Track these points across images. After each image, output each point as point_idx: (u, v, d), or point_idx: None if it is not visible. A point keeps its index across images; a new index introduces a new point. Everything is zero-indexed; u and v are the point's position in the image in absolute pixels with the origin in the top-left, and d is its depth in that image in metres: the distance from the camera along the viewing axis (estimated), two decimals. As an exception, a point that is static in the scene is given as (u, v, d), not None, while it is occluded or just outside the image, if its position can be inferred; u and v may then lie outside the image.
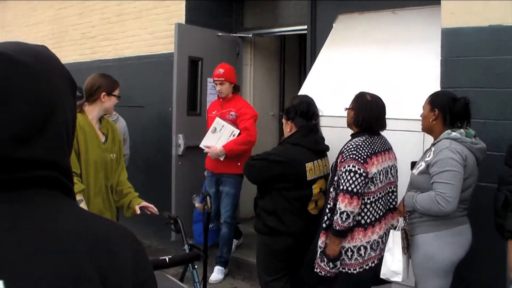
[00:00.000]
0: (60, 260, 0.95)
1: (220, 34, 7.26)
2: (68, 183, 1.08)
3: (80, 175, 3.75)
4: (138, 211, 3.95)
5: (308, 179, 4.03)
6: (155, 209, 4.00)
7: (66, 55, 9.39)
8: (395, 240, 3.59)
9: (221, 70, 5.98)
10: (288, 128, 4.21)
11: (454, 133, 3.46)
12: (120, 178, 4.14)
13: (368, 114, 3.76)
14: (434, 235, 3.50)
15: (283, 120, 4.31)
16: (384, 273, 3.62)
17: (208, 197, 4.06)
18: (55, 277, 0.93)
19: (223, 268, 6.06)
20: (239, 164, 5.67)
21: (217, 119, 5.86)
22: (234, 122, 5.89)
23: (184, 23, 6.99)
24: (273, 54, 8.57)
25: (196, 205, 4.37)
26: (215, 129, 5.84)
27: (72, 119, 1.12)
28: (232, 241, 6.28)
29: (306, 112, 4.16)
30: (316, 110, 4.24)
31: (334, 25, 6.14)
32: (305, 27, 6.81)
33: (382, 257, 3.68)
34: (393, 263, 3.56)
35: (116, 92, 4.11)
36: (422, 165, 3.54)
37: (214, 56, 7.01)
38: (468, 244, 3.57)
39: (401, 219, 3.65)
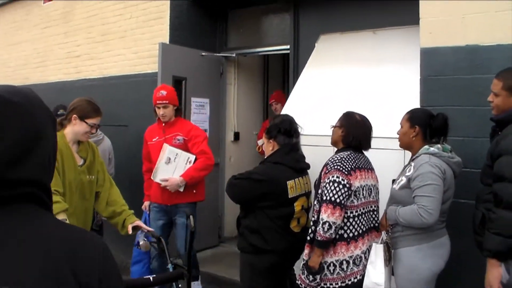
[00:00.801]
0: (43, 263, 1.19)
1: (204, 53, 7.31)
2: (47, 200, 1.34)
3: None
4: (130, 231, 3.94)
5: (289, 197, 4.06)
6: (148, 228, 4.06)
7: (51, 74, 9.44)
8: (377, 252, 3.65)
9: (164, 92, 5.43)
10: (271, 147, 4.23)
11: (432, 148, 3.57)
12: (110, 197, 4.11)
13: (358, 132, 3.84)
14: (416, 248, 3.57)
15: (264, 139, 4.33)
16: (366, 285, 3.66)
17: (191, 216, 4.07)
18: (40, 279, 1.17)
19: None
20: (194, 191, 5.44)
21: (168, 147, 5.36)
22: (181, 147, 5.40)
23: (168, 42, 7.04)
24: (257, 73, 8.65)
25: (140, 243, 4.10)
26: (169, 159, 5.35)
27: (53, 145, 1.38)
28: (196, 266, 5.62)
29: (289, 130, 4.20)
30: (297, 128, 4.28)
31: (316, 44, 6.22)
32: (288, 46, 6.91)
33: (364, 273, 3.72)
34: (375, 275, 3.60)
35: (90, 120, 3.95)
36: (403, 180, 3.62)
37: (198, 76, 7.09)
38: (448, 255, 3.67)
39: (383, 233, 3.71)
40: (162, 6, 7.26)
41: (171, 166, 5.34)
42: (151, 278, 3.41)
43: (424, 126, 3.68)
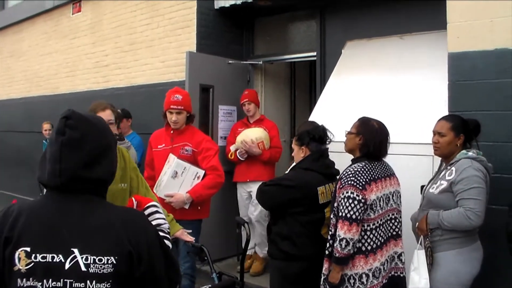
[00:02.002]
0: (110, 236, 1.83)
1: (230, 61, 7.35)
2: (106, 193, 2.00)
3: None
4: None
5: (320, 203, 4.04)
6: (190, 237, 3.83)
7: (80, 84, 9.58)
8: (419, 259, 3.63)
9: (179, 97, 5.01)
10: (302, 153, 4.19)
11: (470, 153, 3.60)
12: None
13: (377, 139, 3.75)
14: (456, 252, 3.58)
15: (294, 146, 4.29)
16: None
17: (246, 224, 4.09)
18: (107, 248, 1.81)
19: None
20: (199, 208, 4.99)
21: (176, 160, 4.87)
22: (189, 159, 4.96)
23: (195, 51, 7.10)
24: (284, 80, 8.63)
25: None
26: (176, 173, 4.83)
27: (115, 156, 2.06)
28: None
29: (322, 137, 4.19)
30: (329, 135, 4.26)
31: (343, 51, 6.22)
32: (315, 53, 6.92)
33: (385, 284, 3.68)
34: (420, 281, 3.57)
35: None
36: (443, 184, 3.61)
37: (225, 83, 7.12)
38: (482, 258, 3.67)
39: (421, 238, 3.69)
40: (189, 15, 7.33)
41: (178, 180, 4.86)
42: (207, 288, 3.46)
43: (467, 134, 3.71)
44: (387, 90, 5.24)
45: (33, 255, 1.75)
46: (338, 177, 3.79)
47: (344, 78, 5.78)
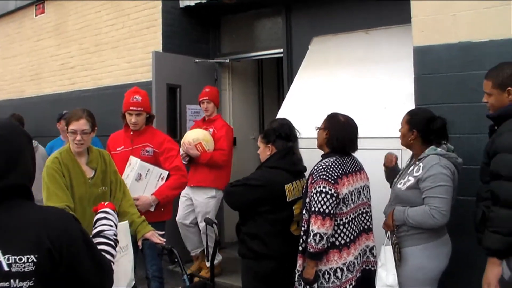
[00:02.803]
0: (29, 236, 1.87)
1: (197, 60, 7.33)
2: (29, 195, 2.03)
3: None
4: (140, 246, 3.92)
5: (288, 200, 4.04)
6: (160, 239, 3.86)
7: (46, 86, 9.45)
8: (386, 255, 3.63)
9: (139, 98, 4.92)
10: (268, 151, 4.21)
11: (439, 149, 3.59)
12: (121, 209, 3.98)
13: (342, 134, 3.77)
14: (422, 247, 3.58)
15: (260, 144, 4.29)
16: None
17: (214, 225, 4.10)
18: (27, 247, 1.85)
19: None
20: (162, 209, 4.89)
21: (139, 162, 4.75)
22: (150, 160, 4.86)
23: (161, 51, 7.05)
24: (251, 78, 8.64)
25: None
26: (140, 176, 4.73)
27: (31, 158, 2.08)
28: None
29: (289, 135, 4.20)
30: (295, 132, 4.28)
31: (309, 47, 6.23)
32: (281, 50, 6.93)
33: (358, 278, 3.70)
34: (388, 277, 3.58)
35: (70, 126, 3.89)
36: (410, 180, 3.61)
37: (192, 83, 7.08)
38: (450, 252, 3.69)
39: (388, 234, 3.69)
40: (154, 15, 7.28)
41: (142, 183, 4.76)
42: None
43: (422, 130, 3.67)
44: (354, 85, 5.26)
45: None
46: (309, 172, 3.79)
47: (311, 74, 5.79)
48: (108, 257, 2.31)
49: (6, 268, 1.83)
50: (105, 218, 2.57)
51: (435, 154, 3.56)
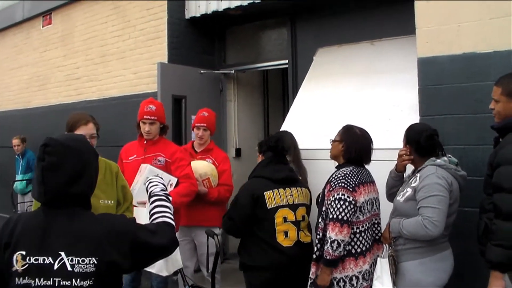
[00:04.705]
0: (91, 240, 2.16)
1: (202, 71, 7.35)
2: (88, 205, 2.33)
3: None
4: None
5: (268, 208, 4.06)
6: None
7: (52, 97, 9.49)
8: (383, 267, 3.60)
9: (153, 107, 4.96)
10: (259, 161, 4.43)
11: (438, 160, 3.54)
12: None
13: (359, 146, 3.81)
14: (418, 262, 3.53)
15: (258, 153, 4.51)
16: None
17: (215, 236, 4.10)
18: (89, 250, 2.13)
19: None
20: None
21: (148, 167, 4.65)
22: (162, 170, 4.74)
23: (166, 62, 7.07)
24: (256, 89, 8.65)
25: None
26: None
27: (95, 170, 2.38)
28: None
29: (275, 147, 4.32)
30: (285, 144, 4.40)
31: (314, 58, 6.24)
32: (286, 61, 6.94)
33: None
34: None
35: (77, 131, 3.74)
36: (408, 192, 3.58)
37: (198, 94, 7.10)
38: (451, 269, 3.61)
39: (386, 246, 3.68)
40: (160, 26, 7.31)
41: None
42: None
43: (414, 145, 3.68)
44: (358, 96, 5.26)
45: (28, 257, 2.13)
46: (327, 180, 3.81)
47: (316, 85, 5.80)
48: (163, 211, 2.52)
49: (69, 268, 2.11)
50: (149, 181, 2.79)
51: (433, 165, 3.53)
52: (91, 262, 2.13)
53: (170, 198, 2.67)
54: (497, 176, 3.19)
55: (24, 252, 2.15)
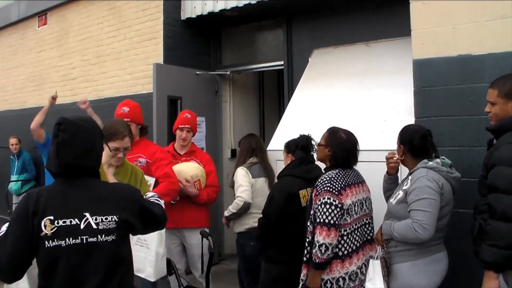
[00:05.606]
0: (111, 201, 2.58)
1: (198, 72, 7.34)
2: (99, 174, 2.71)
3: None
4: None
5: (302, 206, 4.21)
6: None
7: (47, 97, 9.40)
8: (375, 269, 3.60)
9: (126, 109, 4.93)
10: (288, 161, 4.54)
11: (430, 163, 3.53)
12: None
13: (346, 150, 3.80)
14: (410, 264, 3.53)
15: (283, 154, 4.67)
16: None
17: (210, 237, 4.13)
18: (110, 209, 2.54)
19: None
20: None
21: None
22: (143, 171, 4.52)
23: (162, 62, 7.08)
24: (252, 90, 8.67)
25: None
26: None
27: (101, 148, 2.71)
28: None
29: (306, 146, 4.48)
30: (313, 144, 4.49)
31: (310, 59, 6.26)
32: (282, 62, 6.96)
33: None
34: None
35: (110, 144, 3.81)
36: (400, 194, 3.58)
37: (193, 94, 7.09)
38: (445, 271, 3.60)
39: (379, 248, 3.68)
40: (156, 27, 7.31)
41: None
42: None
43: (407, 146, 3.68)
44: (354, 97, 5.28)
45: (56, 221, 2.42)
46: (315, 184, 3.83)
47: (311, 86, 5.81)
48: (157, 199, 3.09)
49: (94, 226, 2.46)
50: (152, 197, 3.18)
51: (424, 167, 3.52)
52: (112, 219, 2.51)
53: (162, 201, 3.13)
54: (492, 176, 3.19)
55: (52, 217, 2.43)
